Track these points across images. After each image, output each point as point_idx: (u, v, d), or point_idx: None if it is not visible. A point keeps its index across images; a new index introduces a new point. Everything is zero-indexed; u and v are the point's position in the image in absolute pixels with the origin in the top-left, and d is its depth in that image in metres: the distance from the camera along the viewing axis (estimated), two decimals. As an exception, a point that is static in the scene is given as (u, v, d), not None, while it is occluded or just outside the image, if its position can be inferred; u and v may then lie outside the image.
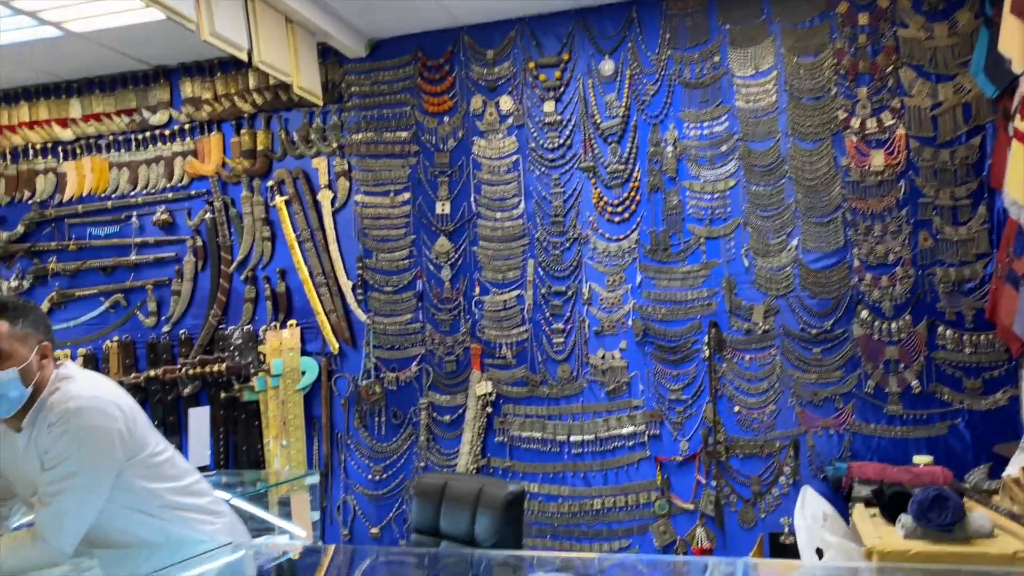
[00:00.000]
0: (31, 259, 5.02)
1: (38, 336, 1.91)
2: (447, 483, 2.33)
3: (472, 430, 4.12)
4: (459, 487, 2.27)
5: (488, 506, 2.15)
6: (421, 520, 2.34)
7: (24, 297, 2.37)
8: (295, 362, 4.44)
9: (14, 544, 1.75)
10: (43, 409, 1.86)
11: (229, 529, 2.10)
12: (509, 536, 2.12)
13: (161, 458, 1.99)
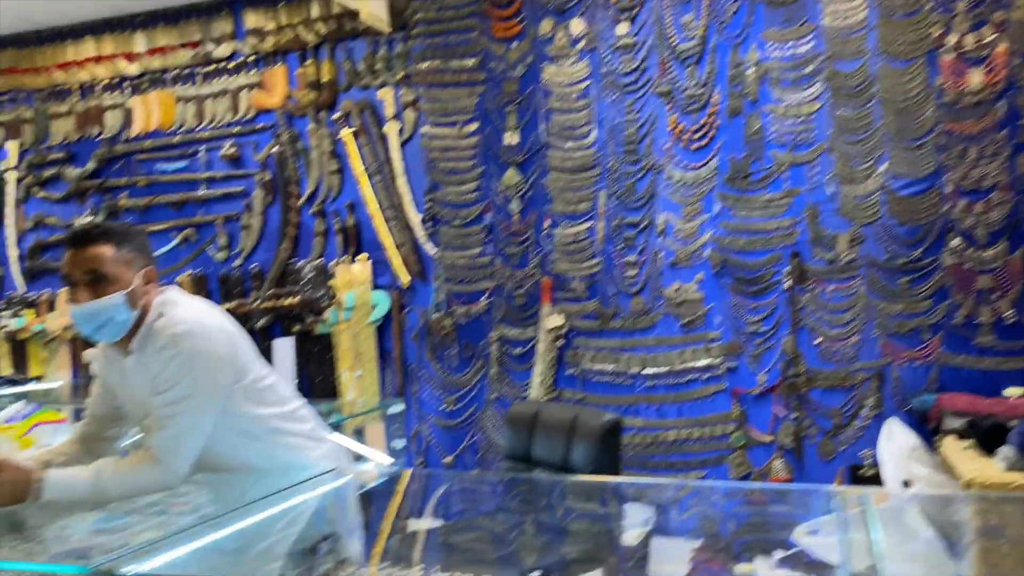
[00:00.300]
0: (103, 195, 5.08)
1: (142, 260, 1.91)
2: (539, 412, 2.31)
3: (543, 363, 4.11)
4: (552, 416, 2.26)
5: (584, 434, 2.13)
6: (513, 447, 2.34)
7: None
8: (366, 296, 4.45)
9: (130, 467, 1.78)
10: (151, 333, 1.86)
11: (332, 454, 2.12)
12: (606, 465, 2.11)
13: (265, 383, 2.00)
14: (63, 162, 5.16)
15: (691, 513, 2.15)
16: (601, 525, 1.99)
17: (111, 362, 1.98)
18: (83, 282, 1.82)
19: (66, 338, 5.11)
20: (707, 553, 1.95)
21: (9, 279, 5.36)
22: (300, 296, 4.55)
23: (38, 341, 5.21)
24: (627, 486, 2.27)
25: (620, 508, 2.11)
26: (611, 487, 2.15)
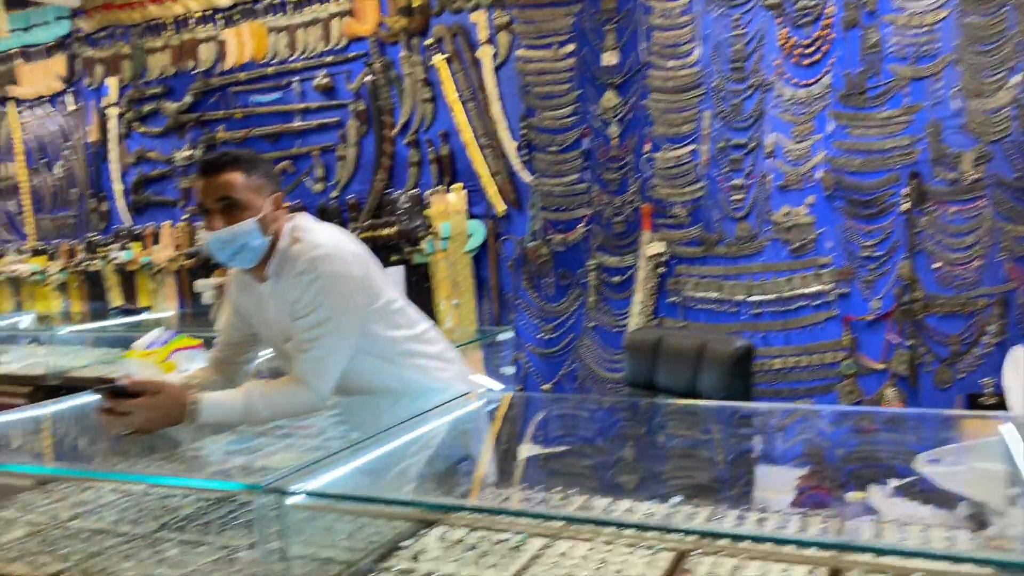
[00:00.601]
0: (200, 129, 5.17)
1: (270, 186, 1.92)
2: (663, 338, 2.27)
3: (643, 291, 4.04)
4: (677, 342, 2.21)
5: (714, 361, 2.09)
6: (635, 375, 2.32)
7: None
8: (462, 225, 4.44)
9: (279, 390, 1.82)
10: (286, 259, 1.88)
11: (461, 375, 2.14)
12: (737, 392, 2.07)
13: (396, 306, 2.02)
14: (161, 97, 5.25)
15: (802, 438, 2.10)
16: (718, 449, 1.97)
17: (245, 289, 2.01)
18: (216, 209, 1.85)
19: (172, 270, 5.28)
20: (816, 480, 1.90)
21: (115, 213, 5.55)
22: (397, 227, 4.57)
23: (146, 273, 5.40)
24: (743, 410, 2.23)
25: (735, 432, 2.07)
26: (730, 410, 2.10)
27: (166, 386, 1.70)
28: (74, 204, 5.69)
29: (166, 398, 1.68)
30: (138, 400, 1.66)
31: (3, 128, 5.90)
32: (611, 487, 1.70)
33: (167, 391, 1.68)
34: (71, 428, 2.30)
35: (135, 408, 1.65)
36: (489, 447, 1.90)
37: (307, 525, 1.37)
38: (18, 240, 5.98)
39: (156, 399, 1.66)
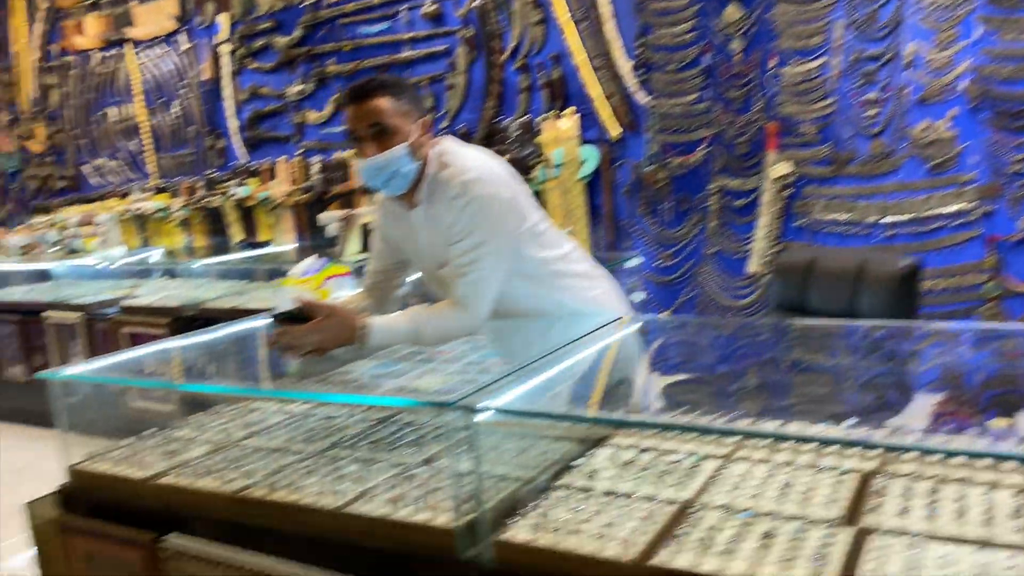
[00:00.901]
0: (311, 63, 5.21)
1: (417, 111, 1.91)
2: (816, 258, 2.19)
3: (768, 214, 3.91)
4: (833, 262, 2.13)
5: (877, 280, 2.00)
6: (784, 297, 2.25)
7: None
8: (574, 151, 4.37)
9: (440, 314, 1.84)
10: (437, 184, 1.88)
11: (610, 293, 2.12)
12: (902, 314, 1.98)
13: (542, 227, 2.00)
14: (271, 31, 5.30)
15: (942, 359, 2.00)
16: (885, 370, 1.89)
17: (394, 218, 2.03)
18: (367, 136, 1.85)
19: (288, 204, 5.41)
20: (956, 405, 1.82)
21: (231, 150, 5.70)
22: (508, 155, 4.53)
23: (263, 208, 5.56)
24: (907, 329, 2.13)
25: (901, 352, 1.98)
26: (893, 330, 2.01)
27: (338, 310, 1.74)
28: (192, 142, 5.86)
29: (338, 321, 1.72)
30: (312, 323, 1.70)
31: (122, 69, 6.10)
32: (778, 410, 1.67)
33: (340, 314, 1.73)
34: (234, 352, 2.41)
35: (310, 331, 1.70)
36: (649, 370, 1.88)
37: (491, 442, 1.39)
38: (141, 179, 6.23)
39: (329, 322, 1.71)
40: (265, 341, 1.80)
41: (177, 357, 2.26)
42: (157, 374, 2.23)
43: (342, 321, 1.72)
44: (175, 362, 2.29)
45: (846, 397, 1.70)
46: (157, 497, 1.75)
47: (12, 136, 6.95)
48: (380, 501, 1.51)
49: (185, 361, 2.30)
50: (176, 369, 2.31)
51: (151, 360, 2.17)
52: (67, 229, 5.29)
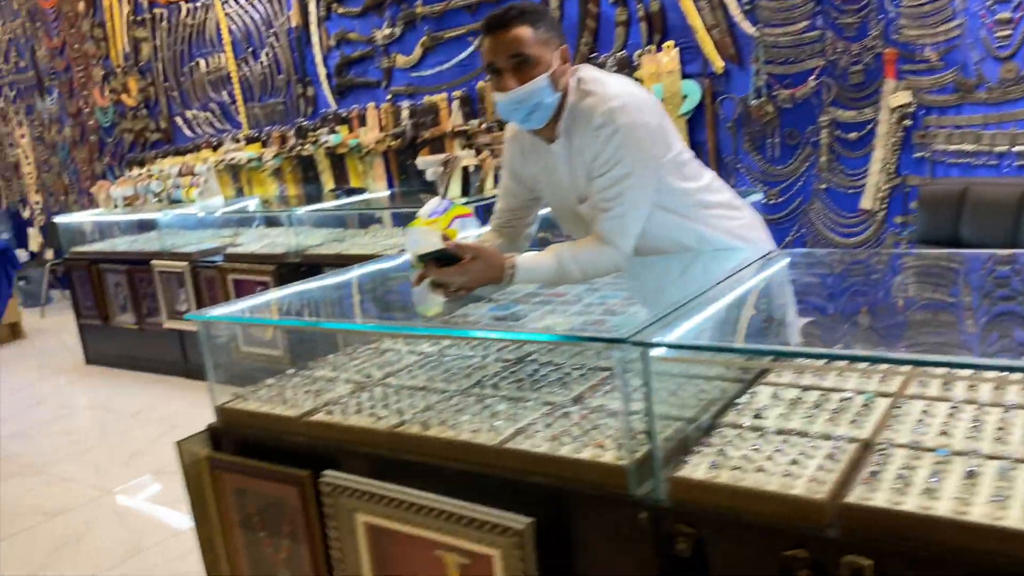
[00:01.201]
0: (398, 5, 5.14)
1: (556, 39, 1.84)
2: (968, 188, 2.06)
3: (884, 147, 3.72)
4: (988, 191, 2.00)
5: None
6: (932, 230, 2.13)
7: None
8: (675, 86, 4.22)
9: (585, 250, 1.80)
10: (579, 114, 1.82)
11: (754, 222, 2.04)
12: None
13: (685, 156, 1.93)
14: (357, -25, 5.24)
15: None
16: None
17: (528, 153, 1.97)
18: (508, 68, 1.78)
19: (379, 151, 5.41)
20: None
21: (321, 97, 5.71)
22: (604, 92, 4.41)
23: (354, 155, 5.58)
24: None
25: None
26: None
27: (486, 250, 1.71)
28: (282, 91, 5.90)
29: (486, 261, 1.69)
30: (461, 264, 1.68)
31: (210, 20, 6.14)
32: (947, 345, 1.58)
33: (487, 254, 1.70)
34: (366, 293, 2.42)
35: (459, 271, 1.68)
36: (805, 304, 1.81)
37: (663, 378, 1.34)
38: (232, 129, 6.31)
39: (477, 262, 1.68)
40: (411, 280, 1.78)
41: (310, 299, 2.28)
42: (293, 316, 2.25)
43: (490, 261, 1.70)
44: (310, 304, 2.30)
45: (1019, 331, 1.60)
46: (309, 434, 1.77)
47: (106, 91, 7.11)
48: (540, 438, 1.50)
49: (319, 303, 2.32)
50: (313, 311, 2.33)
51: (285, 302, 2.18)
52: (169, 179, 5.41)
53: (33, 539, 3.23)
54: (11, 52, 7.94)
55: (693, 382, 1.52)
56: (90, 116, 7.38)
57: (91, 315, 5.51)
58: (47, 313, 7.76)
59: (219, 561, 1.98)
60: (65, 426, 4.56)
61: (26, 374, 5.79)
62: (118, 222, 5.77)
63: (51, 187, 8.14)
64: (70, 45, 7.27)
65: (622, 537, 1.35)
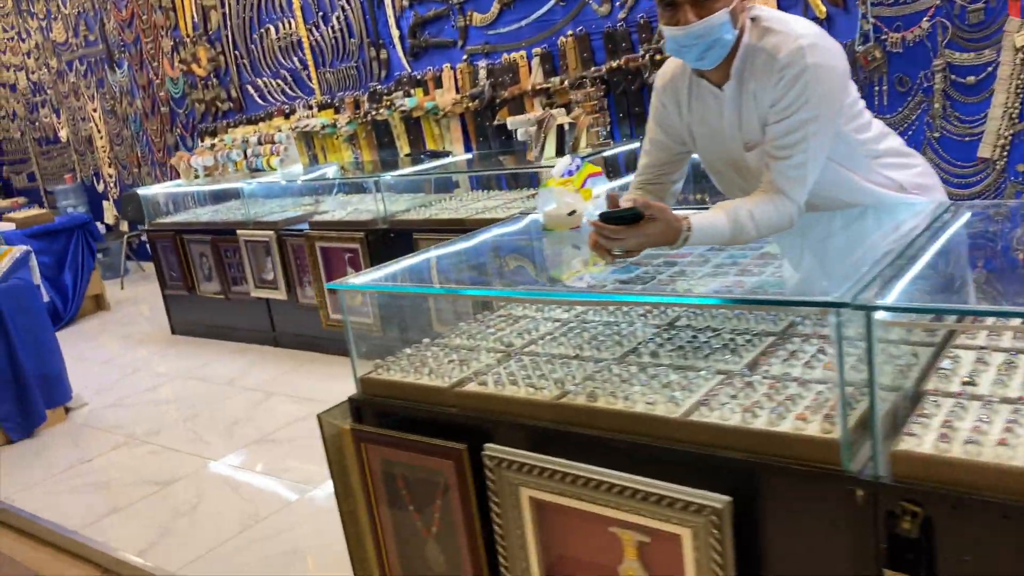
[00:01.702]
0: (475, -38, 5.00)
1: None
2: None
3: (1006, 91, 3.49)
4: None
5: None
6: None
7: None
8: (774, 34, 4.02)
9: (759, 205, 1.67)
10: (756, 54, 1.68)
11: (927, 170, 1.90)
12: None
13: (860, 105, 1.79)
14: (431, -69, 5.10)
15: None
16: None
17: (686, 99, 1.84)
18: (685, 1, 1.65)
19: (456, 113, 5.31)
20: None
21: (394, 60, 5.61)
22: (696, 43, 4.23)
23: (430, 118, 5.49)
24: None
25: None
26: None
27: (666, 209, 1.60)
28: (354, 55, 5.81)
29: (665, 221, 1.59)
30: (641, 224, 1.58)
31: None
32: None
33: (667, 214, 1.59)
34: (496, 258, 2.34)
35: (638, 232, 1.58)
36: (1001, 260, 1.67)
37: (879, 345, 1.23)
38: (304, 96, 6.27)
39: (655, 223, 1.58)
40: (588, 241, 1.67)
41: (444, 265, 2.21)
42: (429, 282, 2.18)
43: (668, 221, 1.59)
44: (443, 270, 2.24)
45: None
46: (462, 405, 1.71)
47: (176, 62, 7.12)
48: (727, 410, 1.40)
49: (452, 269, 2.25)
50: (449, 276, 2.26)
51: (415, 269, 2.11)
52: (248, 148, 5.39)
53: (150, 509, 3.27)
54: (80, 26, 8.00)
55: (897, 349, 1.40)
56: (160, 87, 7.41)
57: (176, 286, 5.57)
58: (126, 284, 7.90)
59: (363, 535, 1.95)
60: (162, 395, 4.63)
61: (114, 345, 5.90)
62: (199, 192, 5.80)
63: (124, 160, 8.23)
64: (139, 16, 7.28)
65: (833, 516, 1.26)
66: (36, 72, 8.82)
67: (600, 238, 1.63)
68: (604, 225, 1.61)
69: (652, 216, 1.58)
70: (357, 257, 4.35)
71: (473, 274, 2.24)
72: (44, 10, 8.30)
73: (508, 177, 4.86)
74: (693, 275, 2.35)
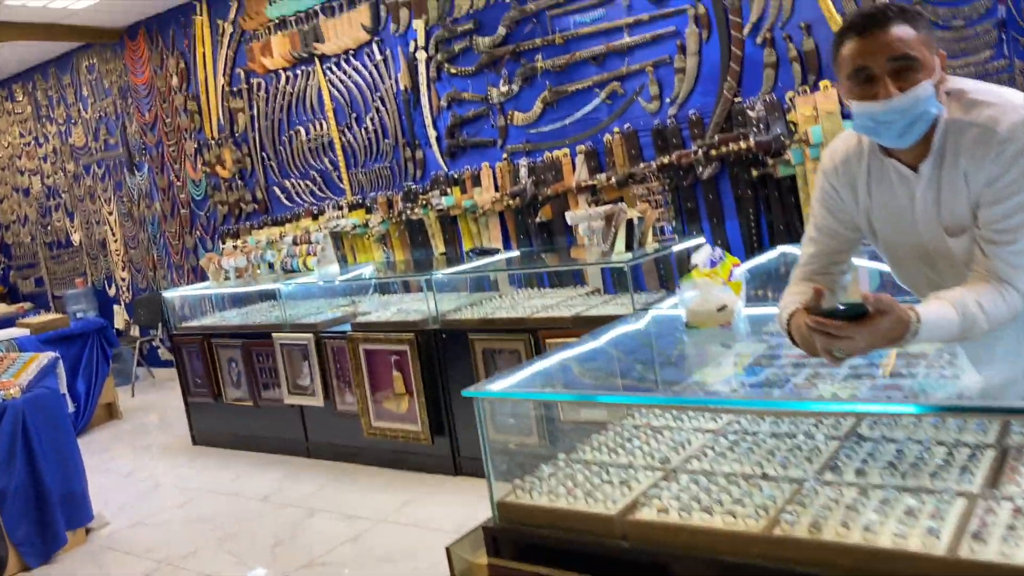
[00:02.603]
0: (517, 61, 4.97)
1: (935, 43, 1.55)
2: None
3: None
4: None
5: None
6: None
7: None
8: (837, 127, 3.94)
9: (984, 296, 1.47)
10: (964, 128, 1.51)
11: None
12: None
13: None
14: (471, 33, 5.10)
15: None
16: None
17: (863, 183, 1.66)
18: (886, 71, 1.48)
19: (496, 211, 5.19)
20: None
21: (430, 159, 5.53)
22: (753, 138, 4.15)
23: (468, 216, 5.36)
24: None
25: None
26: None
27: (894, 302, 1.40)
28: (387, 155, 5.74)
29: (895, 315, 1.39)
30: (868, 319, 1.38)
31: (312, 87, 6.05)
32: None
33: (896, 307, 1.39)
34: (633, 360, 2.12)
35: (865, 329, 1.37)
36: None
37: None
38: (334, 197, 6.16)
39: (885, 317, 1.38)
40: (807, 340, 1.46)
41: (579, 368, 1.98)
42: (568, 388, 1.95)
43: (898, 315, 1.39)
44: (581, 373, 2.01)
45: None
46: (637, 537, 1.45)
47: (199, 164, 7.05)
48: (1010, 544, 1.16)
49: (590, 372, 2.02)
50: (590, 380, 2.03)
51: (546, 373, 1.88)
52: (283, 249, 5.22)
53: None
54: (100, 130, 7.96)
55: None
56: (182, 190, 7.31)
57: (201, 392, 5.29)
58: (136, 391, 7.59)
59: None
60: (192, 513, 4.28)
61: (132, 456, 5.56)
62: (221, 295, 5.58)
63: (139, 263, 8.06)
64: (162, 120, 7.25)
65: None
66: (52, 176, 8.74)
67: (822, 336, 1.42)
68: (830, 322, 1.40)
69: (881, 310, 1.37)
70: (405, 360, 4.12)
71: (615, 378, 2.02)
72: (64, 115, 8.29)
73: (555, 275, 4.69)
74: (832, 377, 2.12)
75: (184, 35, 6.85)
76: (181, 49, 6.90)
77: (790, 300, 1.67)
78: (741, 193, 4.31)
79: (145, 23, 7.11)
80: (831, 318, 1.40)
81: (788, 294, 1.74)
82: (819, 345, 1.43)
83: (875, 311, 1.37)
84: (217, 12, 6.53)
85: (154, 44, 7.12)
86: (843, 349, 1.42)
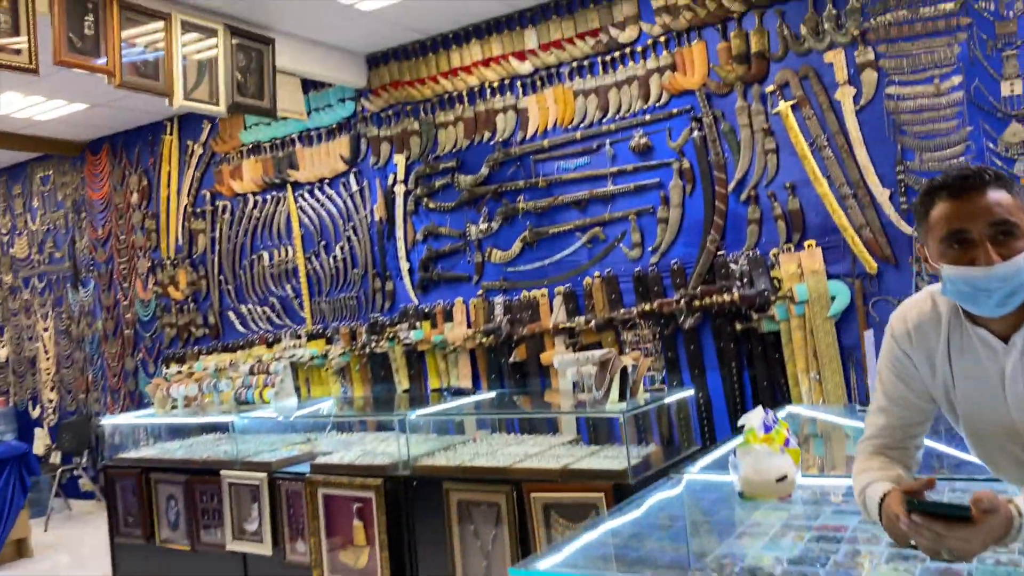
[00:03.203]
0: (498, 200, 4.95)
1: None
2: None
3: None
4: None
5: None
6: None
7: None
8: (822, 286, 3.95)
9: None
10: None
11: None
12: None
13: None
14: (453, 171, 5.09)
15: None
16: None
17: (943, 354, 1.55)
18: (985, 237, 1.40)
19: (467, 348, 5.02)
20: None
21: (400, 292, 5.39)
22: (738, 291, 4.13)
23: (437, 352, 5.17)
24: None
25: None
26: None
27: (996, 498, 1.26)
28: (355, 284, 5.57)
29: (1001, 514, 1.24)
30: (977, 520, 1.22)
31: (280, 213, 5.92)
32: None
33: (999, 504, 1.24)
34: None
35: (976, 532, 1.22)
36: None
37: None
38: (292, 325, 5.92)
39: (993, 516, 1.23)
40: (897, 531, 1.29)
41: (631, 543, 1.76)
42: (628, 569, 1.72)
43: (1005, 515, 1.24)
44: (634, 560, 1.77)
45: None
46: None
47: (151, 283, 6.75)
48: None
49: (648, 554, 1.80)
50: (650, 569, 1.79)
51: (594, 552, 1.66)
52: (238, 378, 4.91)
53: None
54: (47, 243, 7.64)
55: None
56: (128, 309, 6.96)
57: (131, 533, 4.78)
58: (50, 526, 6.91)
59: None
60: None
61: (39, 603, 4.95)
62: (163, 425, 5.17)
63: (69, 384, 7.55)
64: (116, 236, 6.99)
65: None
66: (-15, 287, 8.29)
67: (928, 535, 1.26)
68: (938, 524, 1.25)
69: (986, 509, 1.23)
70: (369, 507, 3.79)
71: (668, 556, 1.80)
72: (9, 225, 7.95)
73: (532, 421, 4.48)
74: (876, 556, 1.97)
75: (151, 153, 6.71)
76: (145, 167, 6.75)
77: (871, 477, 1.52)
78: (724, 345, 4.25)
79: (110, 138, 6.97)
80: (934, 514, 1.25)
81: (864, 470, 1.59)
82: (923, 544, 1.27)
83: (982, 511, 1.23)
84: (188, 133, 6.44)
85: (117, 160, 6.95)
86: (953, 551, 1.26)
